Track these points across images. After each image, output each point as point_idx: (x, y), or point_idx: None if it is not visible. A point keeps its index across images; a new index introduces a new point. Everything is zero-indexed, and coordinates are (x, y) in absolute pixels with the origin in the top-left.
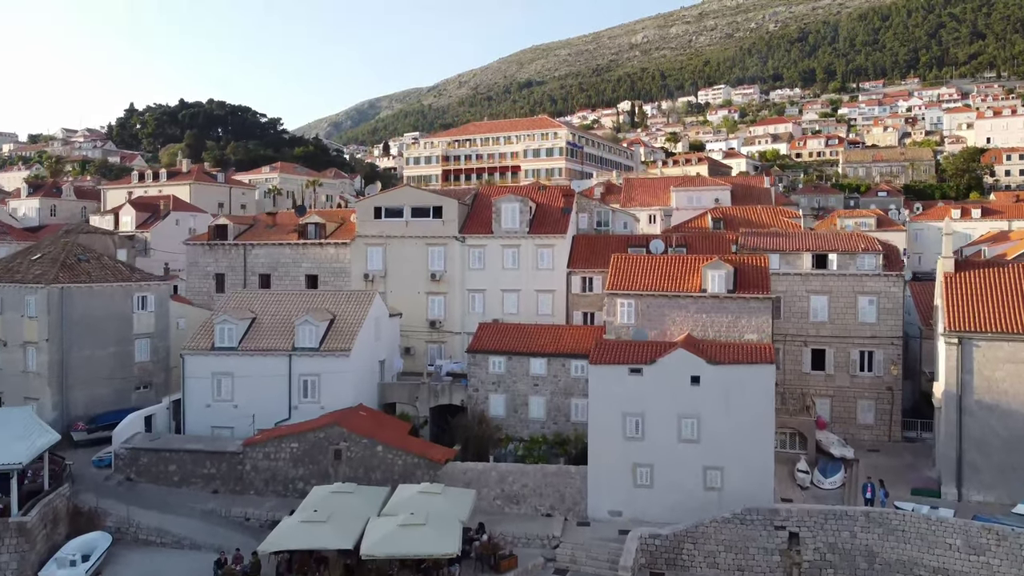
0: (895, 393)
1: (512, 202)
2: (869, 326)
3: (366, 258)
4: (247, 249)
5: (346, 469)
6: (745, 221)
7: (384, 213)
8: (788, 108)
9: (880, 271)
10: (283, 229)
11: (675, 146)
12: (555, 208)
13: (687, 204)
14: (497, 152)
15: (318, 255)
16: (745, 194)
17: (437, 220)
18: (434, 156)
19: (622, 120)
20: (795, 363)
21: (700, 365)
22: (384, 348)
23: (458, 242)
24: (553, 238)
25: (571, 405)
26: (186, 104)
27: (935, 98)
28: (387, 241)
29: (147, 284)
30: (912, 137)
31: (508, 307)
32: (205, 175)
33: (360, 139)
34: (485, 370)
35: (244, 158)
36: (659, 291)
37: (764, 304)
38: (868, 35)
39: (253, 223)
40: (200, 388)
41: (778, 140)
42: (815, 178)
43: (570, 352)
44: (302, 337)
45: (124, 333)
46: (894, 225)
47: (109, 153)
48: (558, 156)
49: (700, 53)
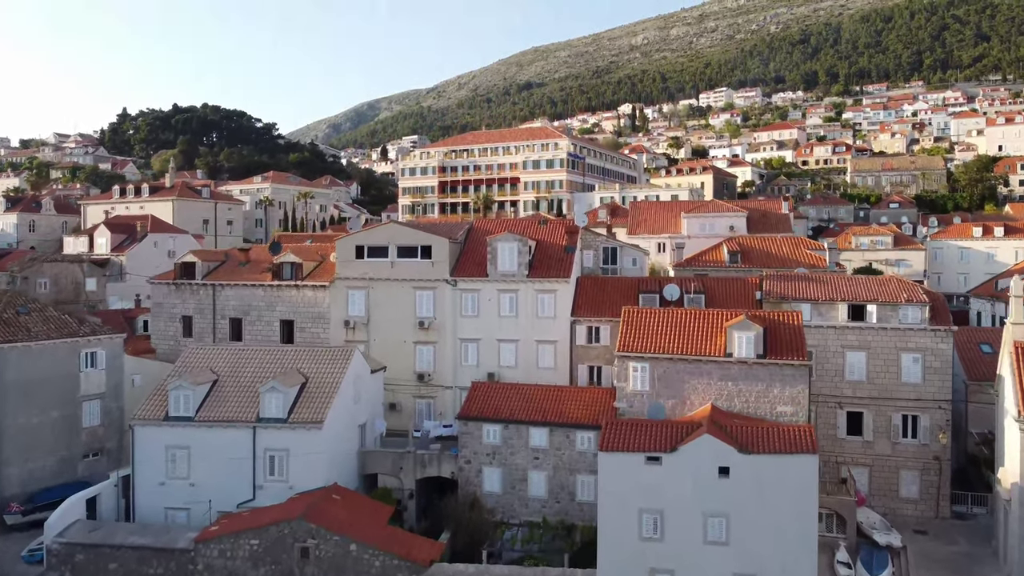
0: (943, 464)
1: (509, 242)
2: (913, 387)
3: (347, 302)
4: (217, 290)
5: (315, 570)
6: (764, 254)
7: (367, 252)
8: (791, 111)
9: (926, 325)
10: (257, 267)
11: (678, 152)
12: (557, 246)
13: (699, 232)
14: (496, 163)
15: (294, 298)
16: (761, 220)
17: (426, 261)
18: (430, 167)
19: (623, 124)
20: (828, 427)
21: (729, 454)
22: (365, 410)
23: (449, 286)
24: (555, 282)
25: (576, 482)
26: (180, 109)
27: (940, 102)
28: (370, 284)
29: (97, 339)
30: (921, 144)
31: (505, 359)
32: (189, 190)
33: (359, 141)
34: (478, 440)
35: (238, 165)
36: (677, 354)
37: (800, 372)
38: (871, 37)
39: (225, 259)
40: (152, 464)
41: (783, 147)
42: (823, 187)
43: (575, 422)
44: (268, 406)
45: (70, 395)
46: (912, 243)
47: (100, 159)
48: (559, 168)
49: (701, 55)
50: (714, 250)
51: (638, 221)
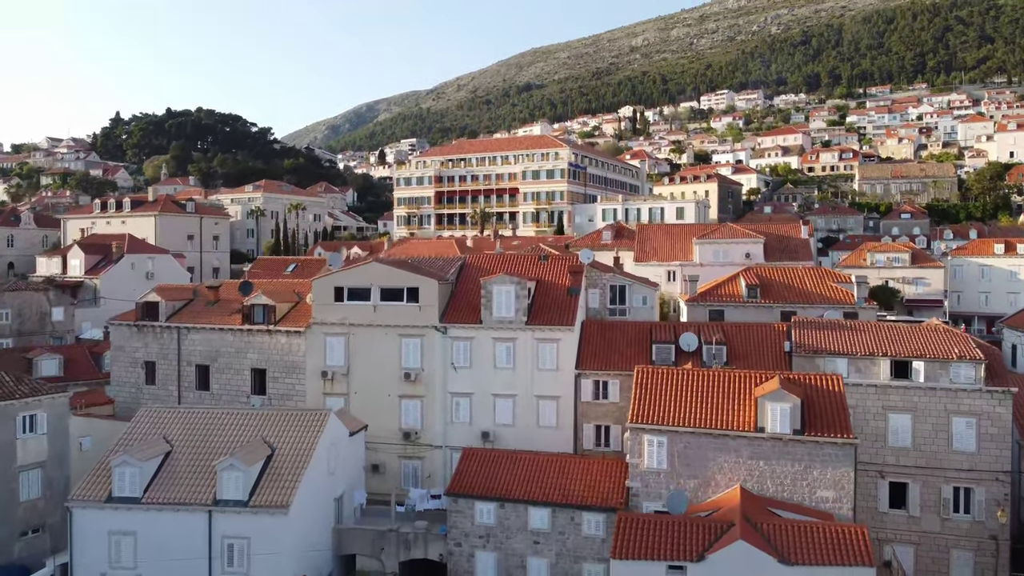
0: (1001, 544)
1: (506, 284)
2: (966, 456)
3: (324, 350)
4: (182, 333)
5: None
6: (784, 286)
7: (347, 295)
8: (794, 114)
9: (981, 385)
10: (227, 307)
11: (680, 157)
12: (559, 288)
13: (713, 259)
14: (494, 173)
15: (266, 345)
16: (780, 246)
17: (412, 305)
18: (426, 177)
19: (624, 127)
20: (868, 499)
21: (768, 565)
22: (342, 480)
23: (438, 333)
24: (558, 331)
25: (583, 572)
26: (173, 113)
27: (945, 105)
28: (350, 330)
29: (37, 400)
30: (929, 149)
31: (501, 416)
32: (173, 204)
33: (357, 143)
34: (470, 519)
35: (232, 171)
36: (700, 427)
37: (844, 451)
38: (873, 39)
39: (193, 297)
40: (92, 552)
41: (788, 153)
42: (830, 195)
43: (582, 503)
44: (227, 486)
45: (4, 465)
46: (930, 261)
47: (92, 165)
48: (559, 178)
49: (701, 56)
50: (730, 282)
51: (646, 247)
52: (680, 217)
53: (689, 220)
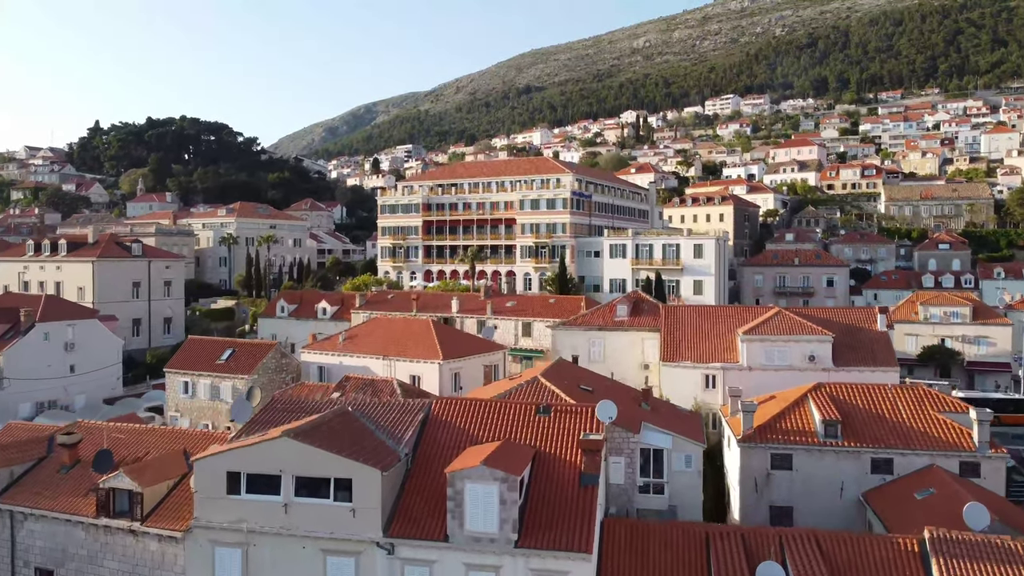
0: None
1: (486, 483)
2: None
3: (213, 568)
4: (17, 521)
5: None
6: (874, 418)
7: (245, 483)
8: (803, 121)
9: None
10: (79, 484)
11: (687, 170)
12: (566, 476)
13: (765, 361)
14: (488, 201)
15: (130, 551)
16: (852, 343)
17: (342, 505)
18: (413, 204)
19: (627, 134)
20: None
21: None
22: None
23: (381, 552)
24: (566, 558)
25: None
26: (154, 123)
27: (962, 112)
28: (250, 539)
29: None
30: (955, 165)
31: None
32: (117, 247)
33: (354, 147)
34: None
35: (212, 185)
36: None
37: None
38: (881, 41)
39: (46, 455)
40: None
41: (805, 168)
42: (854, 217)
43: None
44: None
45: None
46: (995, 317)
47: (67, 178)
48: (561, 209)
49: (705, 59)
50: (797, 410)
51: (676, 340)
52: (699, 256)
53: (709, 260)
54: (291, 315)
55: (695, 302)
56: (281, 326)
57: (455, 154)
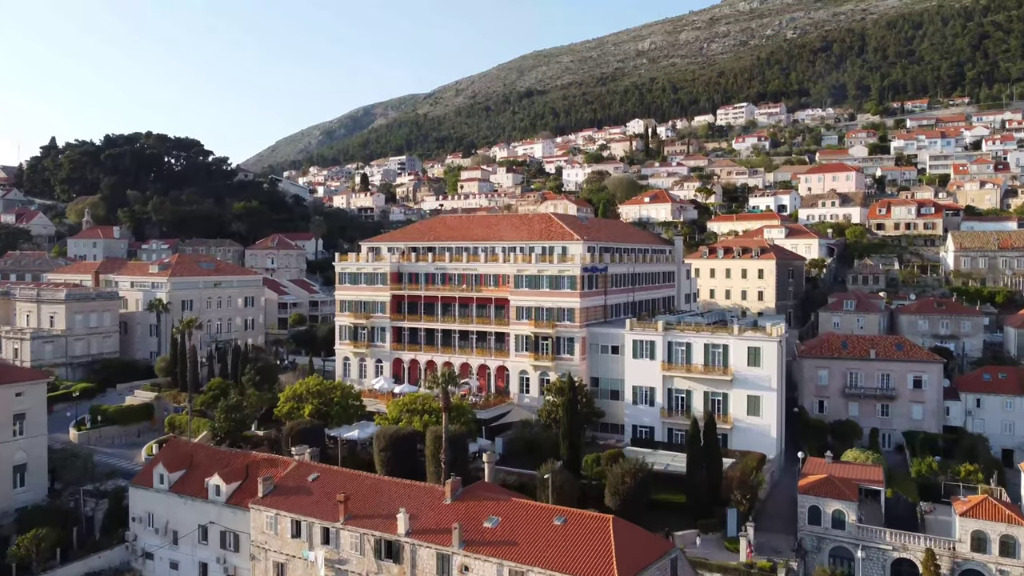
0: None
1: None
2: None
3: None
4: None
5: None
6: None
7: None
8: (824, 134)
9: None
10: None
11: (707, 197)
12: None
13: None
14: (473, 273)
15: None
16: None
17: None
18: (379, 274)
19: (635, 146)
20: None
21: None
22: None
23: None
24: None
25: None
26: (112, 140)
27: (999, 125)
28: None
29: None
30: (1020, 196)
31: None
32: None
33: (350, 152)
34: None
35: (169, 218)
36: None
37: None
38: (901, 45)
39: None
40: None
41: (848, 202)
42: (916, 270)
43: None
44: None
45: None
46: None
47: (10, 205)
48: (569, 289)
49: (713, 62)
50: None
51: None
52: (755, 363)
53: (769, 370)
54: (172, 488)
55: (748, 425)
56: (159, 504)
57: (452, 166)
